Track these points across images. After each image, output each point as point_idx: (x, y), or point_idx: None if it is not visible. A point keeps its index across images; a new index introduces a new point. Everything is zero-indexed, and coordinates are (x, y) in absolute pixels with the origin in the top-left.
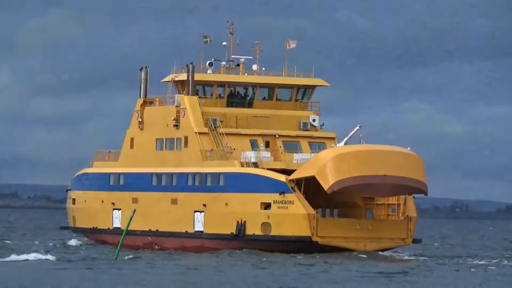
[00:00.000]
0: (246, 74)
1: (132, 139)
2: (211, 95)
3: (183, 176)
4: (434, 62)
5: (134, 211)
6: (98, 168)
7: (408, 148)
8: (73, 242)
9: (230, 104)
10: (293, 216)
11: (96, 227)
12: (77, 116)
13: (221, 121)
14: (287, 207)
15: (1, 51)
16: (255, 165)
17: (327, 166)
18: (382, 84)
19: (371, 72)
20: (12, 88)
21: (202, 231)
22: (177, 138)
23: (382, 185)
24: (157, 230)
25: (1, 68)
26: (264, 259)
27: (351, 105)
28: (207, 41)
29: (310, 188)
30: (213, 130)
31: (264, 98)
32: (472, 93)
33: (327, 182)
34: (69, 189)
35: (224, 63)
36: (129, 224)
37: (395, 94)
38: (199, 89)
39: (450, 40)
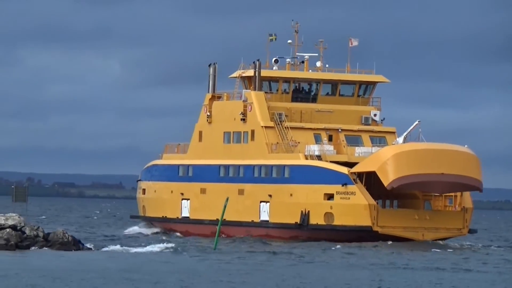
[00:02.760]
0: (310, 70)
1: (200, 132)
2: (277, 90)
3: (250, 168)
4: None
5: (227, 199)
6: (167, 160)
7: (466, 146)
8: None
9: (295, 99)
10: (355, 207)
11: (166, 216)
12: (181, 107)
13: (286, 116)
14: (349, 198)
15: (112, 42)
16: (319, 157)
17: (387, 163)
18: (491, 78)
19: (478, 65)
20: (121, 80)
21: (268, 221)
22: (244, 132)
23: (440, 183)
24: (224, 219)
25: (112, 60)
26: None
27: (459, 97)
28: (273, 38)
29: (371, 180)
30: (278, 124)
31: (327, 94)
32: None
33: (387, 178)
34: (139, 180)
35: (289, 60)
36: (223, 213)
37: (506, 87)
38: (265, 84)
39: None
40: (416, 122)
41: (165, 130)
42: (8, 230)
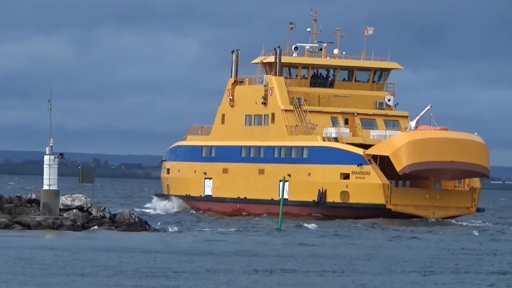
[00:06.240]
0: (328, 57)
1: (223, 115)
2: (296, 76)
3: (270, 149)
4: None
5: (284, 178)
6: (191, 141)
7: (475, 134)
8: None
9: (313, 84)
10: (370, 186)
11: (189, 195)
12: None
13: (305, 100)
14: (364, 177)
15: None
16: (336, 139)
17: (401, 150)
18: None
19: None
20: (198, 60)
21: (287, 199)
22: (264, 115)
23: (449, 170)
24: (245, 197)
25: (189, 40)
26: None
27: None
28: (292, 27)
29: (384, 162)
30: (297, 107)
31: (344, 80)
32: None
33: (400, 164)
34: (164, 160)
35: (308, 47)
36: (283, 192)
37: None
38: (285, 70)
39: None
40: (428, 107)
41: None
42: (74, 211)
